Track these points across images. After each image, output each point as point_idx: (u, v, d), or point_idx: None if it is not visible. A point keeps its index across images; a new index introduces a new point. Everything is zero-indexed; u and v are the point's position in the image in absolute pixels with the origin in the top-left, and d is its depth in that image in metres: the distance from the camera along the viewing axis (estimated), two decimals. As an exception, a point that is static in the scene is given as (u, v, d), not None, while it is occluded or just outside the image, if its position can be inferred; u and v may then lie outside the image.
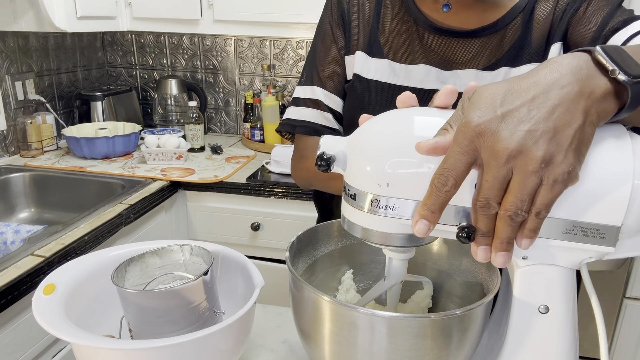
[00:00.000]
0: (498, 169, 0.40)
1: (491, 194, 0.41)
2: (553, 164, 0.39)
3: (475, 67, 0.79)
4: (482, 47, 0.80)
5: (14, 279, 1.05)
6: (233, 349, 0.60)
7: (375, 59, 0.83)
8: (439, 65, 0.80)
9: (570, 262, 0.50)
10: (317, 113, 0.88)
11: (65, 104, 2.16)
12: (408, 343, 0.51)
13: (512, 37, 0.79)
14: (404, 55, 0.82)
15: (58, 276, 0.62)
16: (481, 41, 0.80)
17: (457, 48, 0.80)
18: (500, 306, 0.61)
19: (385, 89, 0.82)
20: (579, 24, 0.77)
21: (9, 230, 1.40)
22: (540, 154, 0.39)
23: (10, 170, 1.74)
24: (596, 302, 0.52)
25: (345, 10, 0.87)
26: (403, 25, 0.83)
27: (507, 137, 0.39)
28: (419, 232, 0.44)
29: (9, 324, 1.08)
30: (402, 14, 0.83)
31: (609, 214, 0.45)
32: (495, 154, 0.40)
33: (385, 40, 0.83)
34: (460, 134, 0.41)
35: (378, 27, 0.84)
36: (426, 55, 0.81)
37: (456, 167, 0.41)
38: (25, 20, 1.69)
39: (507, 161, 0.39)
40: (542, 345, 0.53)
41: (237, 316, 0.56)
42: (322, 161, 0.52)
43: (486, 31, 0.79)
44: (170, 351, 0.53)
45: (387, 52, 0.83)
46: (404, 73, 0.82)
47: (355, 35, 0.86)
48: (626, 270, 1.67)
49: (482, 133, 0.40)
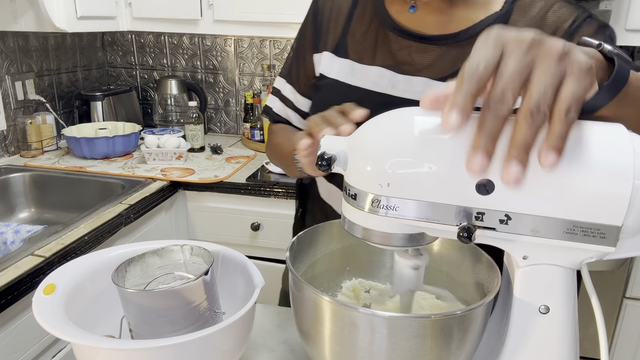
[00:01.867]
0: (521, 55, 0.38)
1: (510, 83, 0.38)
2: (572, 55, 0.39)
3: (429, 75, 0.78)
4: (440, 56, 0.78)
5: (14, 279, 1.05)
6: (233, 349, 0.60)
7: (340, 59, 0.84)
8: (395, 68, 0.80)
9: (570, 262, 0.50)
10: (283, 107, 0.95)
11: (65, 104, 2.16)
12: (408, 343, 0.51)
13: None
14: (366, 56, 0.82)
15: (58, 276, 0.61)
16: (440, 50, 0.78)
17: (416, 53, 0.79)
18: (500, 306, 0.61)
19: (342, 88, 0.83)
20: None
21: (9, 230, 1.40)
22: (560, 45, 0.39)
23: (10, 170, 1.74)
24: (596, 302, 0.52)
25: (319, 9, 0.89)
26: (372, 26, 0.83)
27: (530, 31, 0.40)
28: (451, 124, 0.40)
29: (9, 324, 1.08)
30: (372, 15, 0.83)
31: (609, 213, 0.45)
32: (518, 41, 0.39)
33: (352, 41, 0.84)
34: (483, 38, 0.41)
35: (349, 28, 0.85)
36: (385, 57, 0.81)
37: (485, 55, 0.39)
38: (25, 20, 1.69)
39: (529, 47, 0.38)
40: (542, 346, 0.53)
41: (237, 316, 0.56)
42: (322, 161, 0.52)
43: (446, 40, 0.78)
44: (170, 351, 0.53)
45: (352, 53, 0.83)
46: (361, 74, 0.82)
47: (326, 35, 0.87)
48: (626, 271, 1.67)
49: (506, 31, 0.40)
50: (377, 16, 0.82)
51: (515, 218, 0.48)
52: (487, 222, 0.48)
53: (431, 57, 0.79)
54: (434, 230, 0.51)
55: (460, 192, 0.48)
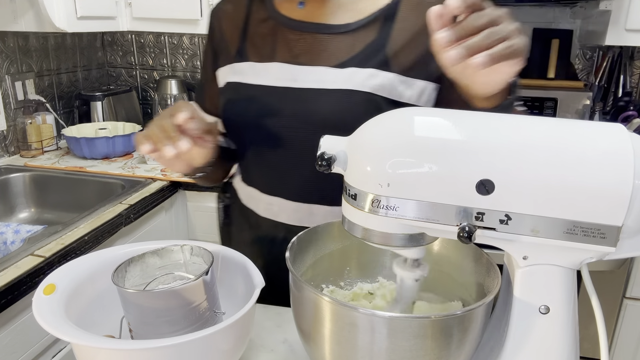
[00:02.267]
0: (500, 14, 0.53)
1: (491, 15, 0.52)
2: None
3: (326, 64, 0.80)
4: (335, 45, 0.81)
5: (14, 279, 1.05)
6: (233, 349, 0.60)
7: (240, 64, 0.86)
8: (293, 61, 0.82)
9: (570, 262, 0.50)
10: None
11: (65, 104, 2.16)
12: (408, 343, 0.51)
13: (365, 41, 0.80)
14: (265, 55, 0.84)
15: (58, 276, 0.61)
16: (335, 39, 0.81)
17: (311, 44, 0.82)
18: (500, 306, 0.61)
19: (245, 88, 0.84)
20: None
21: (9, 230, 1.40)
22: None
23: (10, 170, 1.74)
24: (596, 302, 0.52)
25: (214, 32, 0.92)
26: (268, 27, 0.85)
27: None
28: (451, 60, 0.52)
29: (9, 324, 1.08)
30: (267, 17, 0.86)
31: (609, 214, 0.45)
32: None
33: (251, 45, 0.86)
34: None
35: (246, 35, 0.87)
36: (283, 53, 0.83)
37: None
38: (25, 20, 1.69)
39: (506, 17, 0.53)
40: (542, 346, 0.53)
41: (237, 316, 0.55)
42: (322, 161, 0.52)
43: (339, 29, 0.81)
44: (170, 351, 0.53)
45: (252, 56, 0.85)
46: (263, 72, 0.83)
47: (226, 51, 0.89)
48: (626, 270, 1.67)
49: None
50: (272, 17, 0.85)
51: (516, 218, 0.48)
52: (487, 222, 0.49)
53: (326, 47, 0.81)
54: (434, 231, 0.51)
55: (460, 192, 0.48)
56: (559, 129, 0.49)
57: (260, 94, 0.83)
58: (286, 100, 0.81)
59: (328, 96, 0.79)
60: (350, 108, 0.77)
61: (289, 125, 0.81)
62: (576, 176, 0.46)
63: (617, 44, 1.70)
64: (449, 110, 0.53)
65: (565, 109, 2.02)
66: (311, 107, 0.79)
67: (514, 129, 0.50)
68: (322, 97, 0.79)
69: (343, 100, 0.78)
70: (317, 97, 0.79)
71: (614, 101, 2.03)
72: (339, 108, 0.78)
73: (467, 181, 0.48)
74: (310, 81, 0.80)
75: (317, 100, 0.79)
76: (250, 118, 0.83)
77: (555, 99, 2.02)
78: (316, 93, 0.79)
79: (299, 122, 0.80)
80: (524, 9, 2.10)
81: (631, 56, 2.03)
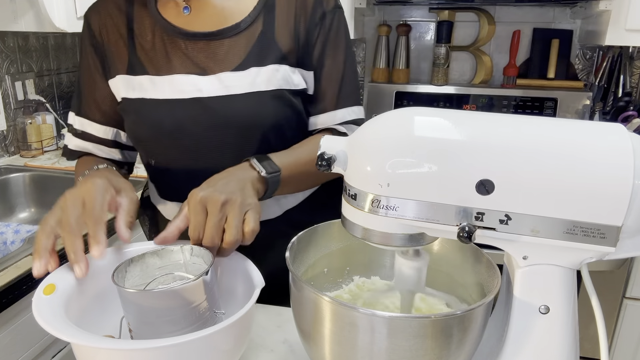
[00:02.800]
0: (217, 212, 0.65)
1: (214, 231, 0.64)
2: (232, 202, 0.65)
3: (228, 68, 0.80)
4: (231, 48, 0.81)
5: (14, 279, 1.05)
6: (233, 349, 0.60)
7: (138, 77, 0.82)
8: (195, 72, 0.80)
9: (570, 262, 0.50)
10: (81, 142, 0.90)
11: (65, 104, 2.16)
12: (408, 343, 0.51)
13: (254, 36, 0.81)
14: (163, 67, 0.81)
15: (58, 276, 0.61)
16: (228, 42, 0.81)
17: (207, 51, 0.81)
18: (500, 306, 0.61)
19: (150, 105, 0.81)
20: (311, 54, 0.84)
21: (8, 230, 1.40)
22: (221, 198, 0.65)
23: (10, 170, 1.74)
24: (596, 302, 0.52)
25: (95, 35, 0.85)
26: (156, 36, 0.82)
27: (216, 195, 0.65)
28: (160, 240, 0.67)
29: (9, 324, 1.08)
30: (152, 25, 0.83)
31: (609, 213, 0.45)
32: (214, 201, 0.65)
33: (144, 55, 0.82)
34: (192, 204, 0.65)
35: (134, 44, 0.83)
36: (181, 64, 0.81)
37: (197, 220, 0.65)
38: (25, 20, 1.69)
39: (222, 205, 0.65)
40: (542, 346, 0.53)
41: (237, 316, 0.55)
42: (322, 161, 0.52)
43: (230, 32, 0.81)
44: (170, 351, 0.53)
45: (148, 67, 0.82)
46: (166, 85, 0.81)
47: (112, 59, 0.84)
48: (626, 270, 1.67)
49: (205, 193, 0.66)
50: (158, 25, 0.82)
51: (515, 218, 0.48)
52: (487, 222, 0.49)
53: (222, 52, 0.81)
54: (434, 231, 0.51)
55: (460, 192, 0.48)
56: (559, 129, 0.49)
57: (169, 109, 0.80)
58: (197, 111, 0.80)
59: (238, 101, 0.79)
60: (262, 107, 0.79)
61: (205, 134, 0.80)
62: (576, 176, 0.46)
63: (617, 44, 1.70)
64: (449, 110, 0.53)
65: (565, 109, 2.02)
66: (224, 114, 0.79)
67: (514, 129, 0.50)
68: (232, 102, 0.79)
69: (253, 102, 0.79)
70: (227, 104, 0.79)
71: (613, 101, 2.03)
72: (251, 110, 0.79)
73: (467, 181, 0.48)
74: (216, 89, 0.79)
75: (228, 106, 0.79)
76: (163, 134, 0.81)
77: (555, 99, 2.02)
78: (225, 100, 0.79)
79: (214, 130, 0.80)
80: (524, 9, 2.10)
81: (631, 56, 2.04)
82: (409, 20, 2.20)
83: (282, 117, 0.82)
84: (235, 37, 0.81)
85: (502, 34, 2.13)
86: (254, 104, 0.79)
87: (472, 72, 2.22)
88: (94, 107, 0.88)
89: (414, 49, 2.23)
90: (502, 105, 2.07)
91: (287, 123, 0.83)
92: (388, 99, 2.17)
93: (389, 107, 2.16)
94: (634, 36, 1.65)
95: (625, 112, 1.95)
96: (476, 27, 2.16)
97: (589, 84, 2.11)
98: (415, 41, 2.23)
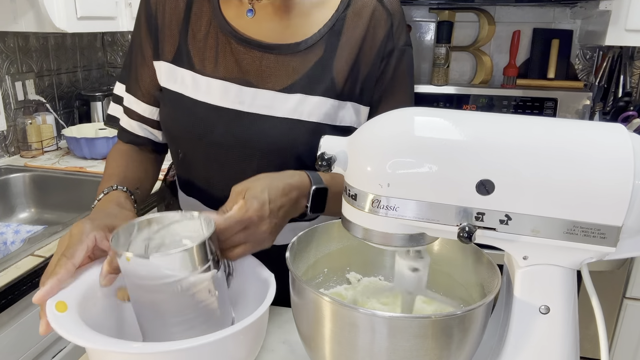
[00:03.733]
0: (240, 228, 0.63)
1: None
2: (255, 229, 0.64)
3: (272, 87, 0.77)
4: (281, 66, 0.77)
5: (14, 279, 1.05)
6: (251, 350, 0.59)
7: (181, 70, 0.80)
8: (240, 81, 0.78)
9: (571, 262, 0.50)
10: (127, 119, 0.89)
11: (65, 104, 2.16)
12: (409, 343, 0.51)
13: (311, 60, 0.78)
14: (209, 66, 0.79)
15: (64, 292, 0.59)
16: (283, 60, 0.77)
17: (258, 63, 0.78)
18: (500, 306, 0.61)
19: (188, 103, 0.79)
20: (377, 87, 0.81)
21: (9, 230, 1.40)
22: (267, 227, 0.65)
23: (10, 170, 1.74)
24: (596, 303, 0.52)
25: (152, 12, 0.82)
26: (211, 31, 0.79)
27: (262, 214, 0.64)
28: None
29: (9, 324, 1.08)
30: (210, 18, 0.79)
31: (609, 214, 0.45)
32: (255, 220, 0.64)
33: (194, 47, 0.80)
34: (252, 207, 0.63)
35: (187, 32, 0.80)
36: (228, 68, 0.78)
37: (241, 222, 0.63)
38: (25, 21, 1.69)
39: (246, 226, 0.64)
40: (542, 346, 0.53)
41: (253, 318, 0.54)
42: (322, 161, 0.52)
43: (287, 49, 0.77)
44: (184, 355, 0.52)
45: (196, 61, 0.79)
46: (205, 87, 0.78)
47: (163, 40, 0.81)
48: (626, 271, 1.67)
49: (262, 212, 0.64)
50: (215, 20, 0.79)
51: (516, 218, 0.48)
52: (487, 222, 0.49)
53: (273, 68, 0.78)
54: (434, 231, 0.51)
55: (460, 192, 0.48)
56: (559, 129, 0.49)
57: (205, 113, 0.78)
58: (231, 123, 0.78)
59: (275, 123, 0.77)
60: (296, 136, 0.77)
61: (232, 147, 0.78)
62: (576, 176, 0.46)
63: (617, 44, 1.70)
64: (449, 111, 0.53)
65: (565, 109, 2.02)
66: (257, 133, 0.77)
67: (514, 129, 0.50)
68: (268, 123, 0.77)
69: (290, 129, 0.77)
70: (264, 123, 0.77)
71: (614, 101, 2.03)
72: (286, 136, 0.77)
73: (467, 181, 0.48)
74: (258, 106, 0.77)
75: (264, 126, 0.77)
76: (192, 135, 0.80)
77: (555, 99, 2.02)
78: (263, 119, 0.77)
79: (243, 147, 0.78)
80: (524, 9, 2.10)
81: (631, 56, 2.04)
82: (409, 20, 2.20)
83: (315, 150, 0.79)
84: (291, 56, 0.78)
85: (502, 34, 2.13)
86: (291, 131, 0.77)
87: (472, 72, 2.22)
88: (141, 85, 0.86)
89: (414, 49, 2.23)
90: (502, 105, 2.07)
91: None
92: (388, 99, 2.17)
93: (389, 107, 2.16)
94: (634, 36, 1.65)
95: (625, 112, 1.95)
96: (476, 28, 2.16)
97: (589, 84, 2.11)
98: (415, 41, 2.22)
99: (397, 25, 0.81)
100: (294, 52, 0.78)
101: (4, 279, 1.05)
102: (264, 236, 0.65)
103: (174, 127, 0.82)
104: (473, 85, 2.16)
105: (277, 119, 0.77)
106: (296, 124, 0.77)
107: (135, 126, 0.89)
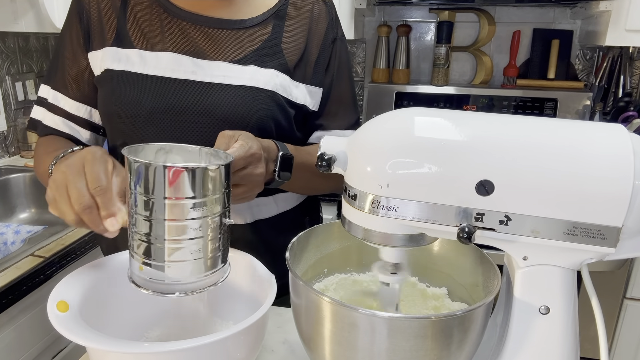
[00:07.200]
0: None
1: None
2: (250, 174, 0.66)
3: (225, 59, 0.79)
4: (232, 41, 0.80)
5: (14, 280, 1.05)
6: (251, 350, 0.59)
7: (125, 50, 0.79)
8: (192, 54, 0.78)
9: (570, 262, 0.50)
10: (52, 117, 0.86)
11: (66, 105, 2.16)
12: (408, 344, 0.51)
13: (261, 38, 0.82)
14: (155, 43, 0.79)
15: (65, 292, 0.59)
16: (230, 34, 0.80)
17: (207, 37, 0.80)
18: (500, 307, 0.61)
19: (133, 78, 0.78)
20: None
21: (9, 230, 1.40)
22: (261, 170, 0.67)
23: (11, 170, 1.74)
24: (596, 303, 0.52)
25: (85, 7, 0.82)
26: (154, 11, 0.80)
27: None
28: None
29: (9, 324, 1.08)
30: (152, 2, 0.81)
31: (609, 214, 0.45)
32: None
33: (137, 29, 0.80)
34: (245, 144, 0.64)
35: (126, 17, 0.81)
36: (177, 43, 0.79)
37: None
38: (26, 21, 1.69)
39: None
40: (542, 346, 0.53)
41: (253, 319, 0.54)
42: (322, 162, 0.52)
43: (234, 25, 0.81)
44: (185, 355, 0.52)
45: (137, 41, 0.79)
46: (154, 61, 0.78)
47: (100, 31, 0.81)
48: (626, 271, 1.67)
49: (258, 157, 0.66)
50: (158, 2, 0.80)
51: (515, 219, 0.48)
52: (487, 222, 0.49)
53: (224, 41, 0.80)
54: (434, 231, 0.51)
55: (460, 192, 0.48)
56: (559, 129, 0.49)
57: (155, 85, 0.77)
58: (185, 94, 0.77)
59: (233, 91, 0.78)
60: (255, 104, 0.78)
61: (188, 119, 0.77)
62: (576, 177, 0.46)
63: (617, 44, 1.70)
64: (449, 111, 0.53)
65: (566, 110, 2.02)
66: (215, 102, 0.77)
67: (514, 129, 0.50)
68: (226, 91, 0.77)
69: (248, 96, 0.78)
70: (221, 92, 0.77)
71: (614, 102, 2.03)
72: (244, 103, 0.77)
73: (466, 182, 0.48)
74: (212, 76, 0.78)
75: (221, 95, 0.77)
76: (142, 111, 0.77)
77: (556, 100, 2.02)
78: (220, 88, 0.78)
79: (200, 116, 0.77)
80: (524, 9, 2.10)
81: (631, 56, 2.03)
82: (409, 20, 2.20)
83: (272, 120, 0.80)
84: (239, 31, 0.81)
85: (502, 34, 2.13)
86: (249, 98, 0.78)
87: (472, 73, 2.22)
88: (69, 81, 0.84)
89: (414, 49, 2.23)
90: (502, 105, 2.07)
91: (275, 128, 0.81)
92: (388, 100, 2.17)
93: (389, 108, 2.16)
94: (634, 36, 1.65)
95: (625, 112, 1.95)
96: (476, 28, 2.16)
97: (589, 85, 2.11)
98: (415, 42, 2.22)
99: (334, 17, 0.88)
100: (240, 27, 0.81)
101: (4, 279, 1.05)
102: (258, 179, 0.67)
103: (116, 108, 0.79)
104: (473, 86, 2.16)
105: (234, 87, 0.78)
106: (254, 91, 0.78)
107: (60, 122, 0.86)
